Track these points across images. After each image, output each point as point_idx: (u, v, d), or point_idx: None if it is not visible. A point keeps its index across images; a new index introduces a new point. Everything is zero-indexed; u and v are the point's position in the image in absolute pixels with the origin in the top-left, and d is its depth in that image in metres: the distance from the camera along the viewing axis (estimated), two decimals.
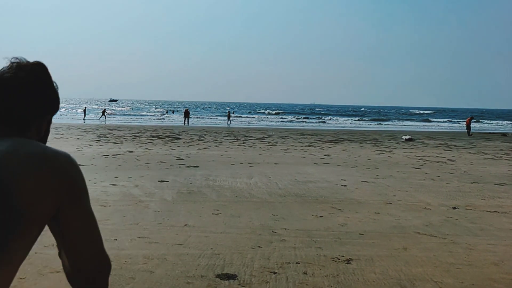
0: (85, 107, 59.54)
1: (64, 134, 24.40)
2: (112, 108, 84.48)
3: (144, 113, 74.10)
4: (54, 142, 19.51)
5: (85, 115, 49.79)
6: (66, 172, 1.29)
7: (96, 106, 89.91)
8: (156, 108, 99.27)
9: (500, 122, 72.59)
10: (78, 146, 18.03)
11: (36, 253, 5.01)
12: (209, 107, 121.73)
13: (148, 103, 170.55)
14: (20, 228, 1.14)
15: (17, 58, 1.36)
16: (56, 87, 1.43)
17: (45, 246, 5.22)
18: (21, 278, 4.30)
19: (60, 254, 1.36)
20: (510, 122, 72.78)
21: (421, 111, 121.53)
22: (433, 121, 70.08)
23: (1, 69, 1.34)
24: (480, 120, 70.06)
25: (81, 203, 1.29)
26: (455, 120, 72.72)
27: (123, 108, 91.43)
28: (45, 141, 1.45)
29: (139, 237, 5.71)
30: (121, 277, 4.40)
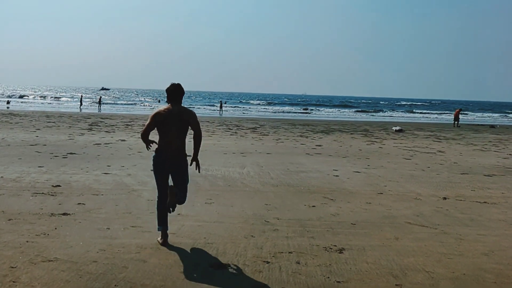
0: (82, 95, 58.77)
1: (55, 122, 24.16)
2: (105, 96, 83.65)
3: (136, 102, 73.65)
4: (46, 130, 19.35)
5: (81, 104, 49.26)
6: (192, 113, 5.15)
7: (84, 94, 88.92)
8: (143, 97, 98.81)
9: (483, 114, 73.06)
10: (70, 134, 17.88)
11: (27, 241, 4.98)
12: (195, 97, 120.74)
13: (137, 92, 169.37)
14: (186, 124, 5.07)
15: (173, 82, 5.18)
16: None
17: (37, 235, 5.20)
18: (12, 267, 4.27)
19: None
20: (491, 114, 73.41)
21: (410, 103, 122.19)
22: (421, 113, 70.29)
23: (171, 85, 5.16)
24: (466, 112, 70.35)
25: (195, 120, 5.07)
26: (436, 112, 72.87)
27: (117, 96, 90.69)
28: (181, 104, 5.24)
29: (132, 226, 5.70)
30: (114, 266, 4.39)
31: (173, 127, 5.02)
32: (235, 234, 5.56)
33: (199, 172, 5.29)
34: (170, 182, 5.22)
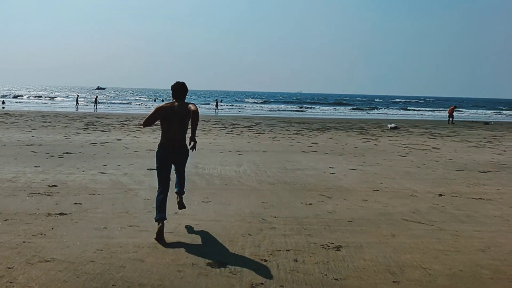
0: (77, 95, 58.54)
1: (51, 122, 24.05)
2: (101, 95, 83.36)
3: (131, 101, 73.46)
4: (42, 130, 19.26)
5: (77, 103, 49.02)
6: (192, 103, 5.41)
7: (80, 94, 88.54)
8: (139, 96, 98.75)
9: (477, 111, 73.30)
10: (66, 134, 17.81)
11: (24, 242, 4.96)
12: (191, 95, 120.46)
13: (133, 91, 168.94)
14: (187, 119, 5.43)
15: (177, 80, 5.59)
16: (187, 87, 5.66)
17: (34, 235, 5.18)
18: (9, 268, 4.25)
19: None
20: (485, 111, 73.68)
21: (404, 100, 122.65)
22: (415, 110, 70.48)
23: (176, 83, 5.57)
24: (460, 109, 70.55)
25: (193, 104, 5.39)
26: (430, 109, 73.01)
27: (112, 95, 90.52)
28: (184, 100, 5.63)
29: (129, 226, 5.68)
30: (112, 266, 4.38)
31: (175, 122, 5.40)
32: (233, 232, 5.57)
33: (192, 151, 5.52)
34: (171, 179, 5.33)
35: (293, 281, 4.17)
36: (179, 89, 5.54)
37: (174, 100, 5.55)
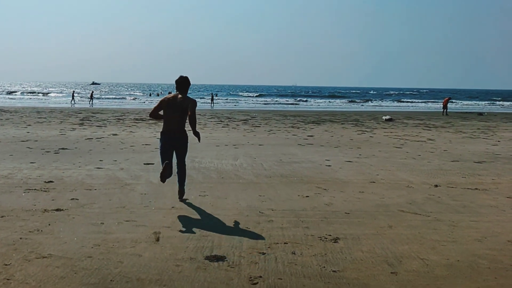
0: (74, 91, 58.27)
1: (46, 118, 23.90)
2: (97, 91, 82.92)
3: (126, 96, 73.19)
4: (37, 126, 19.17)
5: (73, 99, 48.75)
6: (193, 101, 6.33)
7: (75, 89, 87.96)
8: (134, 91, 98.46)
9: (471, 102, 73.52)
10: (62, 129, 17.72)
11: (21, 238, 4.93)
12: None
13: (128, 86, 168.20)
14: (186, 112, 6.22)
15: (181, 75, 6.48)
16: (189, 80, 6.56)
17: (30, 232, 5.15)
18: (6, 265, 4.23)
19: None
20: (478, 102, 73.96)
21: (398, 92, 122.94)
22: (409, 102, 70.68)
23: (179, 77, 6.45)
24: (454, 101, 70.73)
25: (193, 105, 6.27)
26: (424, 101, 73.19)
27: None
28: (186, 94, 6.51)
29: (126, 221, 5.67)
30: (109, 261, 4.37)
31: (176, 113, 6.25)
32: (230, 226, 5.57)
33: (199, 142, 6.84)
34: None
35: (292, 274, 4.18)
36: (181, 82, 6.39)
37: (178, 92, 6.40)
